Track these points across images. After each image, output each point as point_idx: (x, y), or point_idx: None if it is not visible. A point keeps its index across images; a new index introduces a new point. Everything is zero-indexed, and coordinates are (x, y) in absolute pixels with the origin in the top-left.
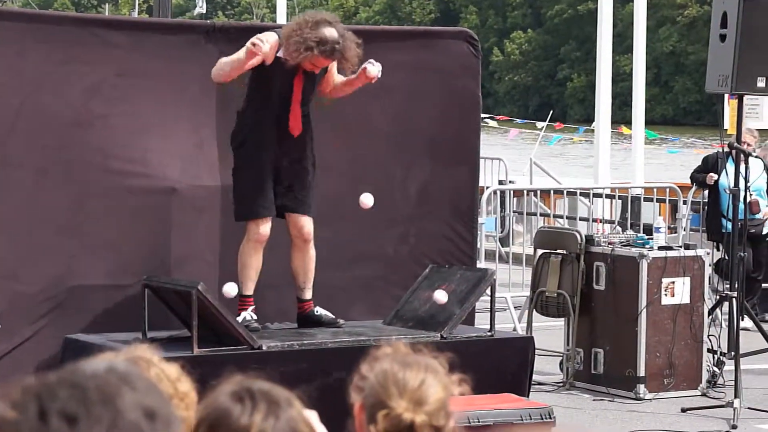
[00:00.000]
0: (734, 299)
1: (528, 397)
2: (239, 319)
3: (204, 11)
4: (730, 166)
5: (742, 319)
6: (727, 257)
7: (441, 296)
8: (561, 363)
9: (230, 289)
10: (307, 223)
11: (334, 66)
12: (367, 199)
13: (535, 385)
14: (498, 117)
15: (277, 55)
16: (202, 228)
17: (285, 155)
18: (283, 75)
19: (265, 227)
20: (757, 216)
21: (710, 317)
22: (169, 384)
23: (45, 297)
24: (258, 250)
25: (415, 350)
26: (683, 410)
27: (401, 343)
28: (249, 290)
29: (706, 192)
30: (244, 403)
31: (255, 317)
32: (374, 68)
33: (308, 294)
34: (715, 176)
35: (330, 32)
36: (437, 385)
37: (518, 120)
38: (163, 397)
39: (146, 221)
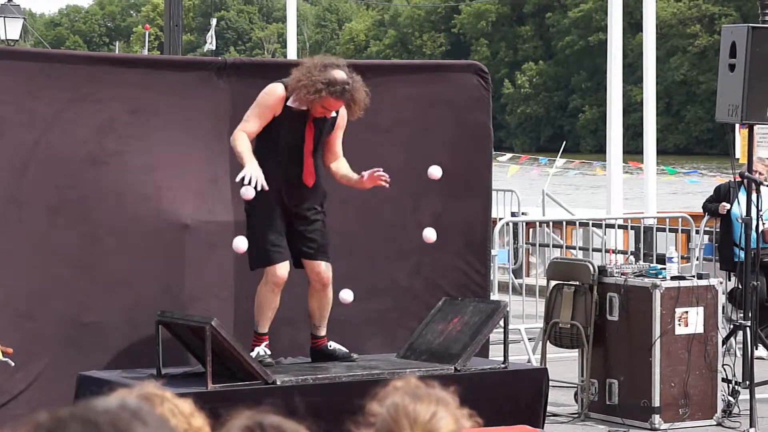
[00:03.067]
0: (748, 328)
1: (543, 428)
2: (253, 354)
3: (214, 48)
4: (742, 195)
5: (757, 348)
6: (740, 286)
7: (347, 296)
8: (575, 394)
9: (241, 244)
10: (325, 269)
11: (341, 123)
12: (436, 171)
13: (549, 416)
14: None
15: (287, 104)
16: (215, 264)
17: (296, 205)
18: (292, 124)
19: (283, 270)
20: None
21: (724, 346)
22: (183, 419)
23: (59, 334)
24: (276, 293)
25: (426, 383)
26: None
27: (412, 377)
28: (264, 329)
29: (719, 221)
30: None
31: (269, 352)
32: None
33: (323, 332)
34: (728, 206)
35: (339, 74)
36: (448, 417)
37: (540, 158)
38: None
39: (159, 258)
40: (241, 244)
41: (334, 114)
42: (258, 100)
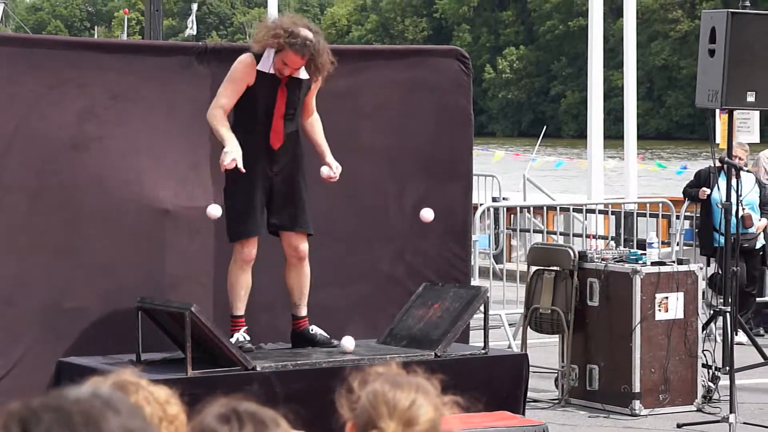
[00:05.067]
0: (728, 314)
1: (523, 414)
2: (232, 340)
3: (195, 33)
4: (722, 181)
5: (737, 334)
6: (720, 272)
7: (348, 344)
8: (556, 380)
9: (214, 211)
10: (301, 241)
11: (314, 87)
12: (428, 214)
13: (530, 402)
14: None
15: (258, 69)
16: (196, 249)
17: (276, 173)
18: (266, 89)
19: (250, 248)
20: (750, 230)
21: (704, 332)
22: (158, 407)
23: (39, 320)
24: (245, 270)
25: (409, 371)
26: (679, 426)
27: (394, 363)
28: (239, 311)
29: (699, 206)
30: (231, 424)
31: (248, 338)
32: (328, 171)
33: (303, 311)
34: (708, 191)
35: (304, 31)
36: (428, 405)
37: (533, 158)
38: (147, 421)
39: (140, 243)
40: (213, 210)
41: (306, 76)
42: (229, 73)
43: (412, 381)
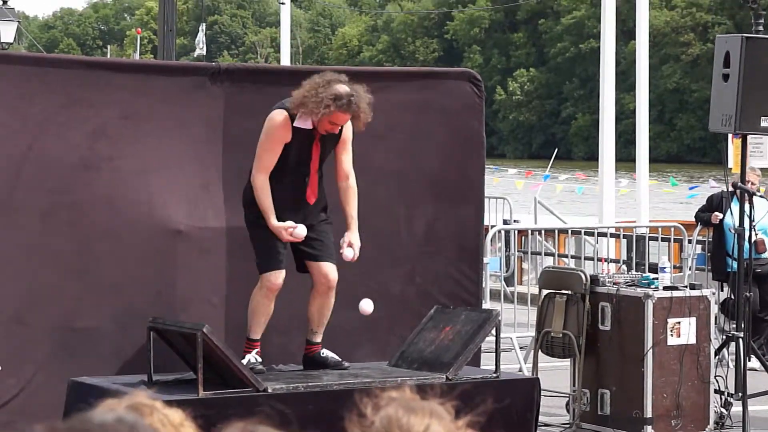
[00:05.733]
0: (741, 339)
1: None
2: (244, 361)
3: (204, 53)
4: (735, 206)
5: (749, 360)
6: (733, 297)
7: (367, 306)
8: (567, 404)
9: (367, 307)
10: (332, 270)
11: (347, 136)
12: (367, 306)
13: (541, 426)
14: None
15: (294, 125)
16: (207, 270)
17: (302, 220)
18: (301, 145)
19: (278, 277)
20: (763, 255)
21: (717, 357)
22: (172, 429)
23: (50, 340)
24: (270, 299)
25: (422, 395)
26: None
27: (407, 387)
28: (256, 335)
29: (712, 231)
30: None
31: (260, 360)
32: (351, 255)
33: (319, 338)
34: (720, 215)
35: (342, 87)
36: (442, 430)
37: (544, 175)
38: None
39: (151, 263)
40: (366, 307)
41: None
42: (265, 133)
43: (426, 406)
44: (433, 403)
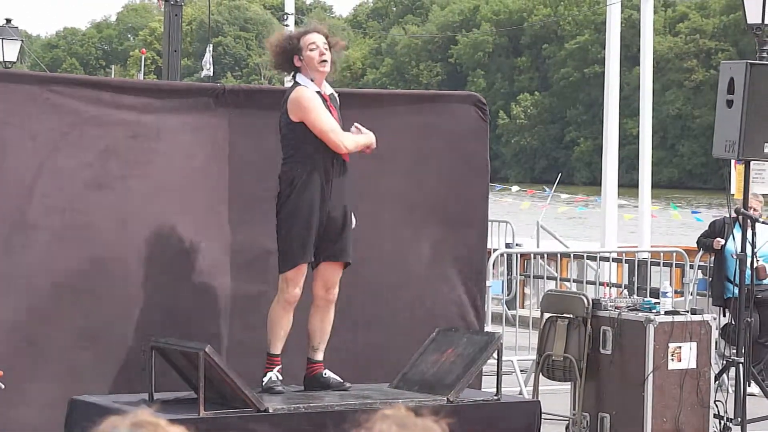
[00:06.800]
0: (741, 365)
1: None
2: (264, 379)
3: (211, 74)
4: (737, 232)
5: (749, 385)
6: (733, 322)
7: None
8: (567, 427)
9: None
10: (335, 283)
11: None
12: None
13: None
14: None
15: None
16: (213, 290)
17: (335, 197)
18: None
19: (295, 287)
20: (764, 282)
21: (717, 383)
22: None
23: (58, 359)
24: (287, 311)
25: (417, 414)
26: None
27: (402, 406)
28: (276, 349)
29: (713, 256)
30: None
31: (281, 378)
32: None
33: (320, 355)
34: (722, 241)
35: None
36: None
37: (546, 189)
38: None
39: (159, 282)
40: None
41: (330, 90)
42: (305, 108)
43: (420, 423)
44: (427, 420)
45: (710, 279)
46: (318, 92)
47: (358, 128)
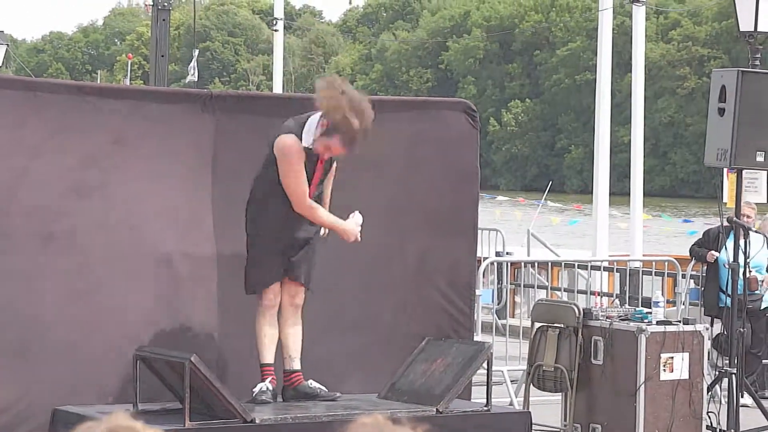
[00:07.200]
0: (734, 375)
1: None
2: (255, 389)
3: (196, 79)
4: (730, 242)
5: (742, 396)
6: (726, 333)
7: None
8: None
9: None
10: (300, 291)
11: (334, 168)
12: None
13: None
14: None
15: (304, 146)
16: (198, 297)
17: (297, 233)
18: (309, 162)
19: (268, 294)
20: (756, 292)
21: (709, 393)
22: None
23: (41, 367)
24: (268, 317)
25: (395, 421)
26: None
27: (379, 414)
28: (265, 359)
29: (705, 266)
30: None
31: (271, 388)
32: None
33: (298, 364)
34: (716, 254)
35: (357, 122)
36: None
37: (537, 202)
38: None
39: (141, 291)
40: None
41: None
42: (287, 162)
43: (399, 430)
44: (406, 428)
45: (702, 288)
46: (308, 148)
47: (352, 216)
